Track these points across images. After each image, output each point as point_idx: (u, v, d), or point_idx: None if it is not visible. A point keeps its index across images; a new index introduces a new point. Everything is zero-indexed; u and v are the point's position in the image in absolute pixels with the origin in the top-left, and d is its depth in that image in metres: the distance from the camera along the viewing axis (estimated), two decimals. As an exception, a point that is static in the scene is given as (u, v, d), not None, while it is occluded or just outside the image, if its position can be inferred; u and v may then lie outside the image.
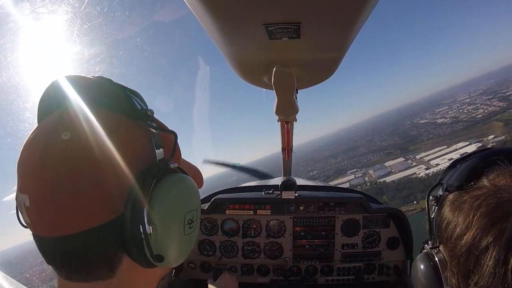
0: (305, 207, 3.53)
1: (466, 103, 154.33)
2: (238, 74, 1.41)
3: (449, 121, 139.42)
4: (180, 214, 0.94)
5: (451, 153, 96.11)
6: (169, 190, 0.90)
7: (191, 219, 0.98)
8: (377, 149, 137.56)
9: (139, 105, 0.95)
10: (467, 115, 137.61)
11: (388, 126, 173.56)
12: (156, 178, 0.88)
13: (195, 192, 1.04)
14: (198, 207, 1.03)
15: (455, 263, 0.93)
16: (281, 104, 1.76)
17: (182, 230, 0.94)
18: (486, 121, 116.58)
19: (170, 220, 0.90)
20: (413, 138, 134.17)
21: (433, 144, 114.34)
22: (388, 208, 3.52)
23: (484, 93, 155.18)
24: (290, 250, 3.61)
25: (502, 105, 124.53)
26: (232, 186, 4.44)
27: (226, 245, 3.66)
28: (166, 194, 0.89)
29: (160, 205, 0.86)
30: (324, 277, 3.64)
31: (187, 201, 0.97)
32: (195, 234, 1.04)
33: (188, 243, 1.01)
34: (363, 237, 3.53)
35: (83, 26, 2.66)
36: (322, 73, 1.45)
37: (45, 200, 0.78)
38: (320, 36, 1.01)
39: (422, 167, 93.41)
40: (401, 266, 3.55)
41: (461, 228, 0.92)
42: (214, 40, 1.07)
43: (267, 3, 0.79)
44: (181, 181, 0.96)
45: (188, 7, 0.89)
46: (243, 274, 3.70)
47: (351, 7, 0.82)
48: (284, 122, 2.43)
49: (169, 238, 0.90)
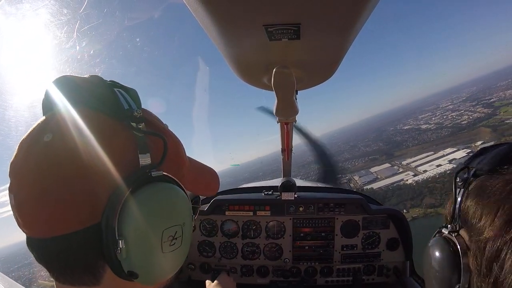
0: (305, 208, 3.53)
1: (449, 109, 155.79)
2: (238, 75, 1.41)
3: (433, 127, 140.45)
4: (156, 229, 0.84)
5: (438, 159, 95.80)
6: (143, 202, 0.82)
7: (172, 235, 0.88)
8: (361, 154, 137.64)
9: (127, 105, 0.88)
10: (451, 121, 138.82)
11: (371, 131, 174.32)
12: (132, 188, 0.81)
13: (182, 205, 0.94)
14: (185, 222, 0.94)
15: (480, 249, 0.89)
16: (280, 105, 1.77)
17: (160, 248, 0.85)
18: (472, 127, 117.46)
19: (142, 235, 0.82)
20: (398, 143, 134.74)
21: (419, 150, 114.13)
22: (387, 209, 3.53)
23: (467, 99, 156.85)
24: (289, 251, 3.61)
25: (487, 112, 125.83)
26: (231, 187, 4.43)
27: (226, 246, 3.66)
28: (140, 207, 0.81)
29: (131, 219, 0.80)
30: (323, 278, 3.64)
31: (167, 215, 0.88)
32: (182, 252, 0.95)
33: (171, 261, 0.92)
34: (362, 238, 3.53)
35: (82, 27, 2.65)
36: (321, 74, 1.45)
37: (26, 201, 0.79)
38: (319, 37, 1.01)
39: (409, 173, 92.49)
40: (401, 267, 3.56)
41: (490, 213, 0.88)
42: (214, 41, 1.07)
43: (267, 4, 0.79)
44: (162, 192, 0.88)
45: (188, 8, 0.89)
46: (242, 275, 3.70)
47: (350, 9, 0.83)
48: (283, 123, 2.43)
49: (142, 255, 0.83)
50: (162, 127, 1.00)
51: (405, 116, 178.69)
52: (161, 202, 0.86)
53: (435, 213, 63.27)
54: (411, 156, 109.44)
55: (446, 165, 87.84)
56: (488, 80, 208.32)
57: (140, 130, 0.86)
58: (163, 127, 1.01)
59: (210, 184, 1.29)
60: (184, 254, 0.96)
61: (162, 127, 1.01)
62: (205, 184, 1.27)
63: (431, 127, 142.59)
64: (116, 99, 0.87)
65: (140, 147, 0.85)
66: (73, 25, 2.57)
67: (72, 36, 2.61)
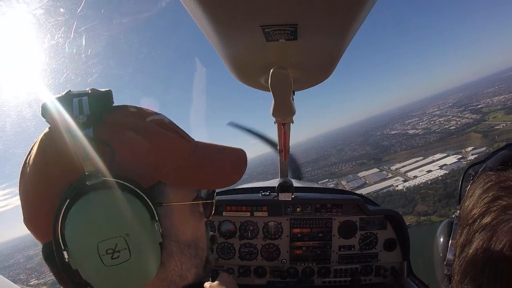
0: (302, 209, 3.54)
1: (436, 115, 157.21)
2: (235, 75, 1.40)
3: (421, 132, 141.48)
4: (88, 243, 0.82)
5: (428, 164, 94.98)
6: (74, 215, 0.81)
7: (112, 248, 0.83)
8: (348, 158, 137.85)
9: (78, 112, 0.87)
10: (439, 126, 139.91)
11: (357, 136, 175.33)
12: (69, 200, 0.81)
13: (123, 214, 0.85)
14: (130, 232, 0.85)
15: (462, 233, 0.97)
16: (278, 106, 1.77)
17: (100, 261, 0.82)
18: (460, 133, 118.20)
19: (79, 250, 0.82)
20: (385, 148, 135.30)
21: (408, 155, 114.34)
22: (385, 209, 3.55)
23: (454, 105, 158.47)
24: (287, 251, 3.61)
25: (475, 117, 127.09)
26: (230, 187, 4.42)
27: (223, 246, 3.66)
28: (72, 220, 0.81)
29: (67, 233, 0.81)
30: (321, 279, 3.65)
31: (98, 228, 0.83)
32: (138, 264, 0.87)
33: (126, 274, 0.87)
34: (360, 239, 3.54)
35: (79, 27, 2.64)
36: (319, 75, 1.46)
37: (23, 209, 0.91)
38: (317, 38, 1.01)
39: (399, 179, 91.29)
40: (398, 268, 3.57)
41: (474, 202, 0.96)
42: (211, 42, 1.07)
43: (264, 4, 0.79)
44: (94, 203, 0.83)
45: (185, 9, 0.89)
46: (240, 275, 3.70)
47: (348, 9, 0.83)
48: (281, 124, 2.43)
49: (86, 268, 0.84)
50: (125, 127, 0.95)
51: (391, 121, 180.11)
52: (93, 213, 0.82)
53: (429, 221, 62.00)
54: (400, 161, 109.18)
55: (437, 171, 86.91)
56: (474, 87, 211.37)
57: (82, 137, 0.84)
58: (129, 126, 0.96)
59: (225, 174, 1.16)
60: (145, 267, 0.89)
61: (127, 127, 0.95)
62: (219, 175, 1.15)
63: (418, 132, 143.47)
64: (68, 110, 0.87)
65: (84, 154, 0.83)
66: (70, 25, 2.55)
67: (69, 37, 2.60)
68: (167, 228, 0.96)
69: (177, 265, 1.02)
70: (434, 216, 63.22)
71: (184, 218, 1.05)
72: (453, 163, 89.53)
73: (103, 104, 0.94)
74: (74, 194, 0.81)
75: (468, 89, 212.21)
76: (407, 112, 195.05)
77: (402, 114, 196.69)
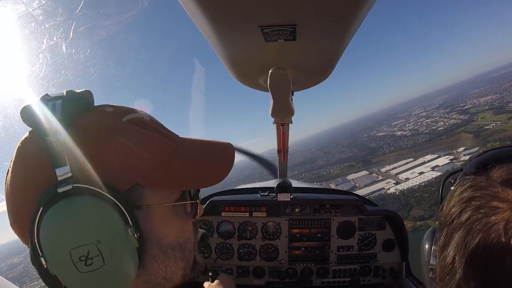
0: (301, 209, 3.54)
1: (423, 116, 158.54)
2: (234, 76, 1.41)
3: (409, 134, 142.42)
4: (61, 250, 0.81)
5: (419, 166, 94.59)
6: (45, 223, 0.81)
7: (85, 255, 0.81)
8: (336, 161, 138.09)
9: (50, 115, 0.85)
10: (427, 127, 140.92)
11: (344, 138, 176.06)
12: (42, 207, 0.81)
13: (95, 221, 0.84)
14: (102, 240, 0.83)
15: (442, 235, 1.01)
16: (276, 106, 1.78)
17: (74, 268, 0.81)
18: (449, 133, 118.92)
19: (52, 256, 0.82)
20: (373, 150, 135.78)
21: (397, 157, 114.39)
22: (383, 210, 3.55)
23: (440, 107, 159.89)
24: (285, 252, 3.61)
25: (463, 118, 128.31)
26: (228, 187, 4.43)
27: (222, 247, 3.65)
28: (43, 228, 0.81)
29: (42, 240, 0.81)
30: (319, 279, 3.65)
31: (69, 235, 0.81)
32: (113, 270, 0.86)
33: (102, 280, 0.86)
34: (358, 239, 3.54)
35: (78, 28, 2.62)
36: (318, 75, 1.46)
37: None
38: (316, 38, 1.01)
39: (390, 181, 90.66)
40: (397, 268, 3.58)
41: (451, 205, 0.99)
42: (210, 42, 1.08)
43: (263, 5, 0.79)
44: (64, 210, 0.82)
45: (183, 10, 0.90)
46: (238, 276, 3.70)
47: (347, 10, 0.83)
48: (279, 124, 2.44)
49: (62, 274, 0.84)
50: (99, 130, 0.92)
51: (378, 123, 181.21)
52: (63, 221, 0.81)
53: (426, 226, 59.83)
54: (390, 163, 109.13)
55: (429, 173, 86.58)
56: (459, 88, 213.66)
57: (55, 142, 0.83)
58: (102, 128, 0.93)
59: (210, 172, 1.12)
60: (120, 273, 0.88)
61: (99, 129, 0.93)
62: (203, 174, 1.11)
63: (406, 133, 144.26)
64: (42, 113, 0.86)
65: (54, 161, 0.82)
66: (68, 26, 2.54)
67: (68, 37, 2.58)
68: (148, 231, 0.94)
69: (161, 268, 1.00)
70: (431, 221, 61.40)
71: (165, 220, 1.02)
72: (446, 164, 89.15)
73: (78, 106, 0.93)
74: (46, 202, 0.81)
75: (453, 90, 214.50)
76: (393, 114, 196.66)
77: (388, 116, 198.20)
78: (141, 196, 0.94)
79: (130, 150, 0.93)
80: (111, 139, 0.91)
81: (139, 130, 0.98)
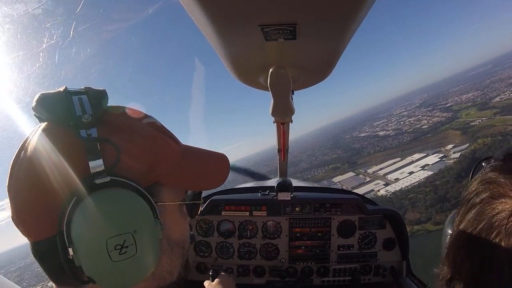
0: (301, 208, 3.54)
1: (404, 115, 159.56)
2: (234, 75, 1.42)
3: (392, 133, 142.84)
4: (98, 240, 0.84)
5: (408, 165, 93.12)
6: (84, 213, 0.84)
7: (120, 244, 0.86)
8: (320, 163, 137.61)
9: (80, 111, 0.88)
10: (410, 126, 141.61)
11: (326, 140, 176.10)
12: (76, 198, 0.84)
13: (131, 212, 0.90)
14: (138, 229, 0.89)
15: (459, 214, 1.05)
16: (277, 105, 1.79)
17: (107, 257, 0.85)
18: (435, 131, 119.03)
19: (86, 245, 0.85)
20: (358, 151, 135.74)
21: (384, 157, 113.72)
22: (384, 209, 3.56)
23: (422, 105, 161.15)
24: (286, 251, 3.62)
25: (447, 115, 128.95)
26: (228, 187, 4.43)
27: (222, 246, 3.66)
28: (81, 217, 0.84)
29: (75, 229, 0.83)
30: (320, 278, 3.66)
31: (108, 225, 0.86)
32: (142, 259, 0.92)
33: (130, 269, 0.91)
34: (359, 238, 3.55)
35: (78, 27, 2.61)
36: (318, 74, 1.47)
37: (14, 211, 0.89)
38: (316, 37, 1.02)
39: (379, 182, 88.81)
40: (397, 267, 3.59)
41: (471, 186, 1.02)
42: (210, 41, 1.08)
43: (263, 4, 0.79)
44: (104, 201, 0.87)
45: (184, 9, 0.90)
46: (239, 275, 3.71)
47: (347, 9, 0.84)
48: (280, 123, 2.44)
49: (92, 263, 0.86)
50: (126, 128, 0.98)
51: (359, 124, 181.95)
52: (102, 211, 0.85)
53: (424, 230, 57.94)
54: (376, 163, 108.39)
55: (420, 172, 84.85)
56: (438, 87, 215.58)
57: (87, 137, 0.86)
58: (129, 127, 0.99)
59: (212, 176, 1.24)
60: (146, 262, 0.94)
61: (127, 127, 0.98)
62: (207, 177, 1.23)
63: (390, 133, 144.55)
64: (70, 107, 0.88)
65: (90, 153, 0.85)
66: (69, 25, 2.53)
67: (68, 36, 2.57)
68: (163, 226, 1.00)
69: (167, 262, 1.06)
70: (429, 224, 59.83)
71: (175, 218, 1.10)
72: (436, 163, 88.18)
73: (101, 103, 0.96)
74: (82, 192, 0.85)
75: (432, 90, 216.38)
76: (374, 115, 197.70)
77: (369, 117, 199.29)
78: (159, 193, 1.02)
79: (152, 150, 0.99)
80: (140, 138, 0.97)
81: (157, 133, 1.05)
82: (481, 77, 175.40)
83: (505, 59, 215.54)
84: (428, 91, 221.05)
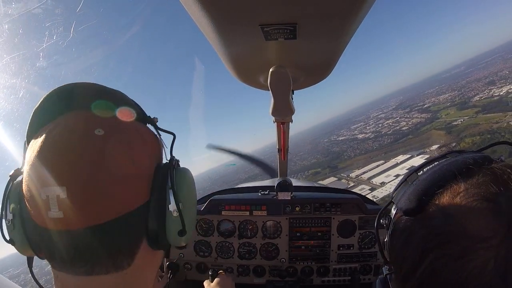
0: (301, 208, 3.54)
1: (382, 118, 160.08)
2: (234, 74, 1.43)
3: (372, 136, 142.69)
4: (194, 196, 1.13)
5: (393, 168, 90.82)
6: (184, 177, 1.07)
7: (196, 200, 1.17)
8: (299, 169, 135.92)
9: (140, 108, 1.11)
10: (389, 128, 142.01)
11: (304, 144, 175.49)
12: (174, 168, 1.04)
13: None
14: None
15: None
16: (277, 105, 1.80)
17: (195, 210, 1.16)
18: (416, 132, 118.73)
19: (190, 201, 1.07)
20: (338, 154, 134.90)
21: (366, 160, 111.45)
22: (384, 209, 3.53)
23: (398, 107, 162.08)
24: (286, 251, 3.62)
25: (426, 116, 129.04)
26: (228, 186, 4.45)
27: (222, 246, 3.67)
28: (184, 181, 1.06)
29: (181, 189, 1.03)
30: (320, 278, 3.66)
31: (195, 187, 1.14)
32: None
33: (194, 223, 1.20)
34: (359, 238, 3.56)
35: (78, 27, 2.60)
36: (318, 74, 1.48)
37: (83, 190, 0.84)
38: (316, 37, 1.03)
39: (364, 187, 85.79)
40: None
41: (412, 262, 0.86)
42: (210, 41, 1.09)
43: (263, 4, 0.80)
44: (188, 171, 1.12)
45: (184, 9, 0.91)
46: (239, 275, 3.72)
47: (346, 9, 0.84)
48: (280, 123, 2.46)
49: (191, 216, 1.07)
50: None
51: (336, 128, 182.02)
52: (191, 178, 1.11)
53: None
54: (359, 167, 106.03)
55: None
56: (413, 90, 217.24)
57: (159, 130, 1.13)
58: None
59: None
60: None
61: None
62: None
63: (369, 136, 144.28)
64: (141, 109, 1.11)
65: (160, 142, 1.12)
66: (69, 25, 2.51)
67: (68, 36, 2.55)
68: None
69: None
70: None
71: None
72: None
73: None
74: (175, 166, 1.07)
75: (407, 92, 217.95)
76: (350, 118, 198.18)
77: (345, 120, 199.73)
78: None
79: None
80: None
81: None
82: (456, 78, 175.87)
83: (478, 60, 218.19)
84: (403, 93, 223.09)
